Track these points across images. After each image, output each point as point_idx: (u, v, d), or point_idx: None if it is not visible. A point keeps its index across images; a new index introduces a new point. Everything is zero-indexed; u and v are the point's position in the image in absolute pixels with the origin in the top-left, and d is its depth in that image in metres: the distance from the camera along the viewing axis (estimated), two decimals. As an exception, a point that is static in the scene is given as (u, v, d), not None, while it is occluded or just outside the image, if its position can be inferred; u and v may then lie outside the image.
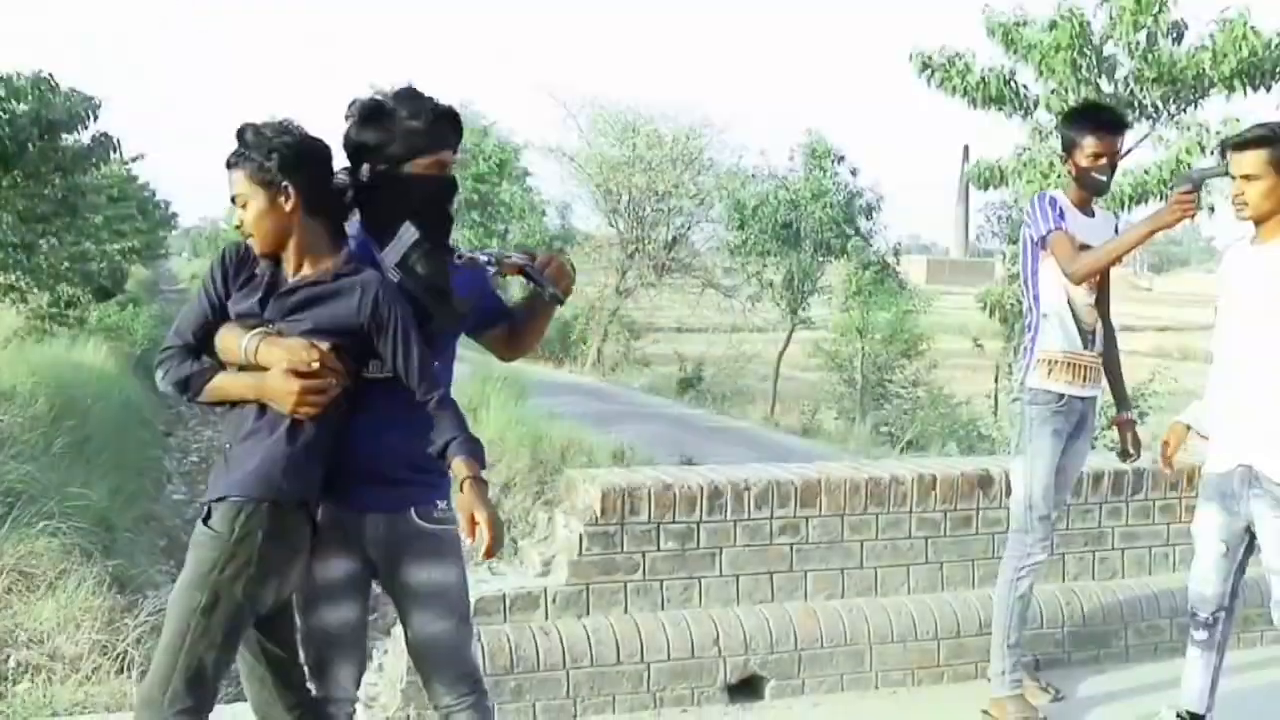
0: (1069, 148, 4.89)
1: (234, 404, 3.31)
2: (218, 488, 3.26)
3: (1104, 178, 4.86)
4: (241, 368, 3.29)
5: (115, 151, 16.83)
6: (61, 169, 15.45)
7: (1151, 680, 5.36)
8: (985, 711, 4.97)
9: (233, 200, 3.30)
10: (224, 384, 3.30)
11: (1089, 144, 4.81)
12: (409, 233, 3.37)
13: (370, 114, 3.37)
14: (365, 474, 3.37)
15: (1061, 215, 4.79)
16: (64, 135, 15.22)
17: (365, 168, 3.37)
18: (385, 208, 3.40)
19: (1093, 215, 4.92)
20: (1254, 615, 5.43)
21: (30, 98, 14.24)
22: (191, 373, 3.30)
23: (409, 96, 3.37)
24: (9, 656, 6.52)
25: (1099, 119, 4.93)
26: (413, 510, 3.41)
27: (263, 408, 3.26)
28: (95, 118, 15.04)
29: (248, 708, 3.57)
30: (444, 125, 3.40)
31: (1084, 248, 4.77)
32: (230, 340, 3.29)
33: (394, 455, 3.37)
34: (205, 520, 3.22)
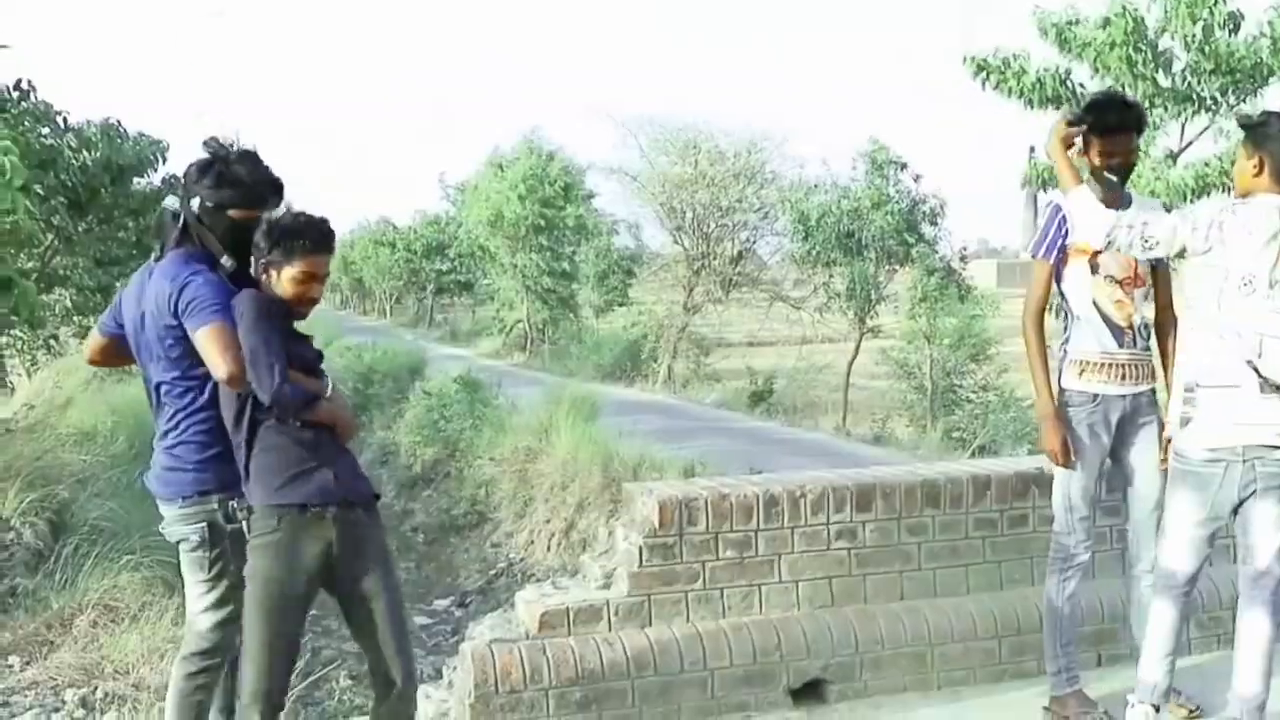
0: (1085, 144, 4.83)
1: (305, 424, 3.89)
2: (308, 493, 3.89)
3: (1116, 178, 4.74)
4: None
5: (185, 193, 17.12)
6: (133, 212, 15.74)
7: (1222, 670, 5.30)
8: (1046, 708, 4.99)
9: (323, 279, 3.98)
10: (325, 409, 3.93)
11: (1097, 144, 4.78)
12: None
13: (211, 160, 4.06)
14: None
15: (1063, 231, 4.81)
16: (134, 179, 15.54)
17: (195, 200, 4.04)
18: (207, 237, 4.05)
19: (1129, 204, 4.73)
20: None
21: (100, 145, 14.56)
22: (309, 394, 3.86)
23: (249, 158, 4.07)
24: (96, 688, 6.73)
25: (1105, 121, 4.78)
26: None
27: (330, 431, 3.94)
28: (164, 160, 15.33)
29: None
30: (265, 189, 4.08)
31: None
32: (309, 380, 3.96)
33: None
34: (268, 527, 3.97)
